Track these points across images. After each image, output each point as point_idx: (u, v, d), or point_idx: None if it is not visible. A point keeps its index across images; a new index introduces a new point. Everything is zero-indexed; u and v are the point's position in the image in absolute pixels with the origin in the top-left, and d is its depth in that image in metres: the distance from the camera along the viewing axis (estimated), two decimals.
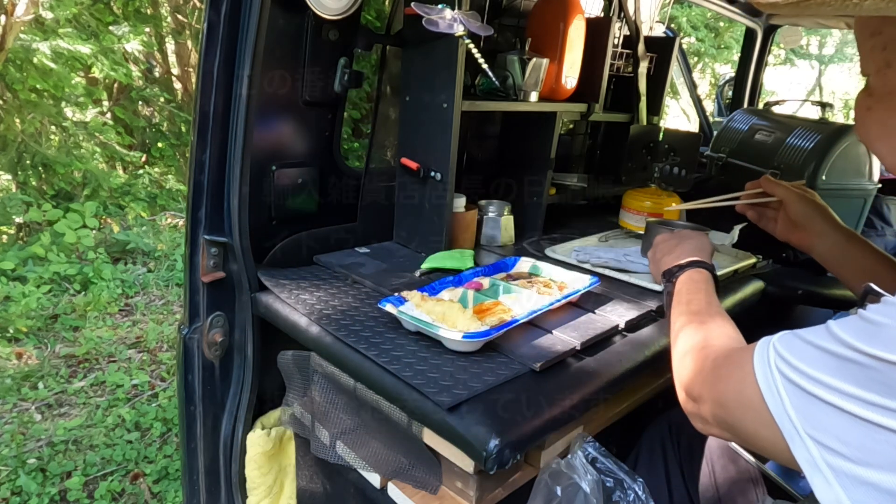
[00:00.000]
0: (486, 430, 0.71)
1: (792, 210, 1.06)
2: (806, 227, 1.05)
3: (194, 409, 1.14)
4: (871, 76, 0.69)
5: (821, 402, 0.49)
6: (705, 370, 0.67)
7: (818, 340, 0.51)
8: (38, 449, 2.04)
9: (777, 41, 2.38)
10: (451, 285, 1.06)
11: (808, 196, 1.06)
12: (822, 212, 1.04)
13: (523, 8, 1.54)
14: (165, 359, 2.71)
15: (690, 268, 0.92)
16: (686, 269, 0.92)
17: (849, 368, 0.47)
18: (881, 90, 0.68)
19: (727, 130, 1.84)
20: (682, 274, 0.92)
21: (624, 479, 0.85)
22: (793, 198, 1.06)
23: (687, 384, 0.69)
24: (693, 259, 0.94)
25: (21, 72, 3.43)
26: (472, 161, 1.57)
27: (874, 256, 0.99)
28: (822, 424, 0.49)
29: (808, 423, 0.50)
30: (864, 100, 0.72)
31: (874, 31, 0.67)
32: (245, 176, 1.03)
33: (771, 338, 0.57)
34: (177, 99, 5.21)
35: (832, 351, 0.49)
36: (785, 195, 1.07)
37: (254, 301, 1.09)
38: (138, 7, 4.23)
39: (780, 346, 0.55)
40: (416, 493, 0.93)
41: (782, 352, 0.54)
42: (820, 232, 1.03)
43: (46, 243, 3.35)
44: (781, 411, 0.52)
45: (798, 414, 0.50)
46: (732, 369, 0.61)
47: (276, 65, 1.13)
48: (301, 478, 1.21)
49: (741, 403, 0.57)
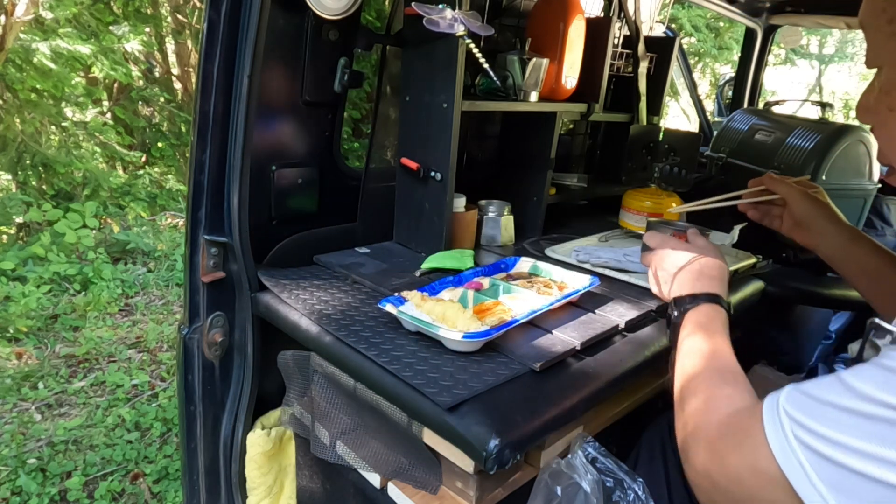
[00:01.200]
0: (486, 430, 0.71)
1: (795, 209, 1.03)
2: (810, 226, 1.02)
3: (194, 409, 1.14)
4: (887, 69, 0.63)
5: (853, 472, 0.42)
6: (711, 440, 0.59)
7: (832, 396, 0.45)
8: (38, 449, 2.04)
9: (777, 41, 2.39)
10: (451, 285, 1.06)
11: (812, 193, 1.04)
12: (825, 210, 1.01)
13: (523, 8, 1.54)
14: (165, 359, 2.71)
15: (706, 301, 0.83)
16: (701, 303, 0.82)
17: (876, 427, 0.42)
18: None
19: (727, 130, 1.84)
20: (696, 307, 0.82)
21: (624, 479, 0.85)
22: (796, 196, 1.03)
23: (692, 454, 0.61)
24: (710, 292, 0.84)
25: (21, 72, 3.43)
26: (472, 161, 1.57)
27: (879, 255, 0.97)
28: (860, 496, 0.42)
29: (843, 496, 0.43)
30: (883, 99, 0.64)
31: (893, 16, 0.61)
32: (245, 176, 1.03)
33: (777, 397, 0.51)
34: (177, 99, 5.21)
35: (852, 408, 0.43)
36: (788, 193, 1.04)
37: (254, 301, 1.09)
38: (138, 7, 4.23)
39: (791, 407, 0.48)
40: (416, 493, 0.93)
41: (795, 414, 0.47)
42: (823, 231, 1.00)
43: (46, 243, 3.36)
44: (807, 485, 0.45)
45: (829, 488, 0.44)
46: (742, 439, 0.53)
47: (276, 65, 1.13)
48: (301, 478, 1.21)
49: (757, 478, 0.51)
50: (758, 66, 2.41)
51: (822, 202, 1.03)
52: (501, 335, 0.88)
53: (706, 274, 0.89)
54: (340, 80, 1.22)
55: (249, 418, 1.19)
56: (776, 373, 1.46)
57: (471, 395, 0.77)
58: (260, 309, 1.08)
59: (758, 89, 2.47)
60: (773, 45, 2.41)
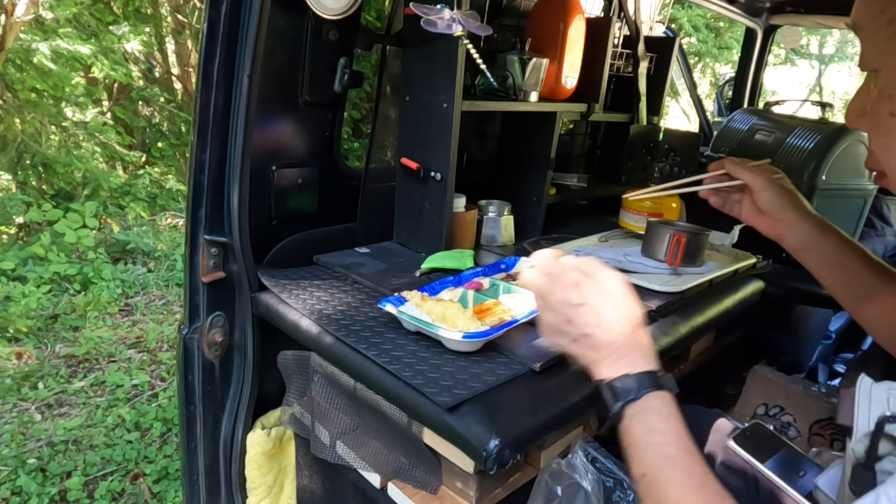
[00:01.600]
0: (486, 430, 0.71)
1: (760, 198, 0.96)
2: (775, 215, 0.95)
3: (194, 409, 1.14)
4: (888, 72, 0.58)
5: None
6: None
7: None
8: (38, 449, 2.04)
9: (777, 41, 2.39)
10: (451, 285, 1.06)
11: (777, 180, 0.96)
12: (792, 200, 0.94)
13: (523, 8, 1.54)
14: (165, 359, 2.71)
15: (646, 389, 0.64)
16: (642, 395, 0.64)
17: None
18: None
19: (727, 130, 1.84)
20: (636, 403, 0.64)
21: (624, 479, 0.85)
22: (760, 184, 0.95)
23: None
24: (648, 371, 0.66)
25: (21, 72, 3.43)
26: (472, 161, 1.57)
27: (847, 247, 0.92)
28: None
29: None
30: (883, 103, 0.60)
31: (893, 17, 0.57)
32: (245, 176, 1.03)
33: None
34: (177, 99, 5.21)
35: None
36: (751, 181, 0.96)
37: (254, 301, 1.09)
38: (138, 7, 4.24)
39: None
40: (416, 493, 0.93)
41: None
42: (791, 222, 0.94)
43: (46, 243, 3.36)
44: None
45: None
46: None
47: (276, 65, 1.13)
48: (301, 478, 1.21)
49: None
50: (758, 66, 2.41)
51: (788, 190, 0.96)
52: (501, 335, 0.88)
53: (636, 340, 0.69)
54: (340, 80, 1.22)
55: (249, 418, 1.19)
56: (776, 373, 1.46)
57: (471, 395, 0.77)
58: (260, 309, 1.08)
59: (758, 89, 2.47)
60: (773, 45, 2.41)
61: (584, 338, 0.69)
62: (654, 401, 0.64)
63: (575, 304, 0.69)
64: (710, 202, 1.04)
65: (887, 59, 0.59)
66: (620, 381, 0.65)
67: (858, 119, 0.65)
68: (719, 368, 1.49)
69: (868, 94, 0.63)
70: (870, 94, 0.63)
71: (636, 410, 0.64)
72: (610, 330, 0.68)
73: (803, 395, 1.40)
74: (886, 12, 0.58)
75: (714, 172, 1.02)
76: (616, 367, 0.66)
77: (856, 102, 0.65)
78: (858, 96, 0.65)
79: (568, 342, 0.71)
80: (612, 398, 0.65)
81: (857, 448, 0.55)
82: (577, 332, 0.69)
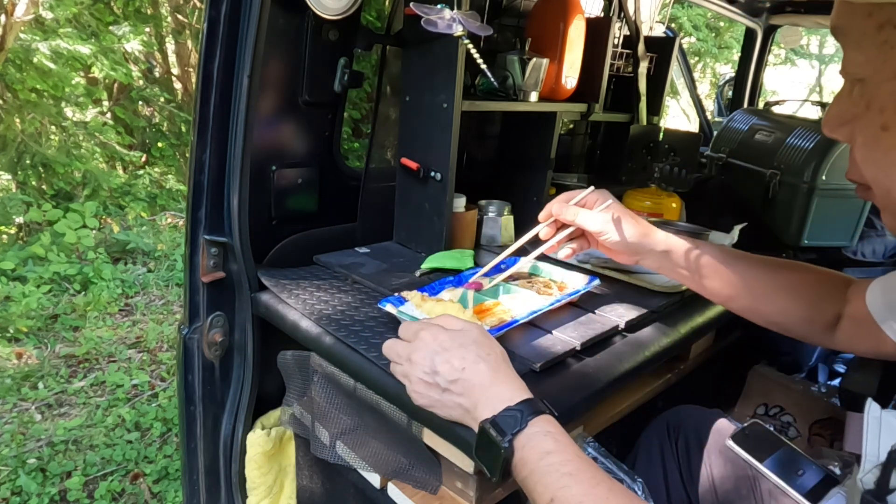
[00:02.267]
0: None
1: (604, 241, 0.89)
2: (625, 249, 0.89)
3: (194, 409, 1.14)
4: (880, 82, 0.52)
5: None
6: None
7: None
8: (38, 449, 2.04)
9: (777, 41, 2.39)
10: (451, 285, 1.06)
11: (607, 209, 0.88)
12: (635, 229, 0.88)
13: (523, 8, 1.54)
14: (165, 359, 2.71)
15: (530, 416, 0.63)
16: (527, 422, 0.63)
17: None
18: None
19: (727, 130, 1.84)
20: (524, 433, 0.63)
21: (624, 479, 0.85)
22: (597, 227, 0.87)
23: None
24: (524, 399, 0.65)
25: (21, 72, 3.43)
26: (472, 161, 1.57)
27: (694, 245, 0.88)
28: None
29: None
30: (872, 116, 0.54)
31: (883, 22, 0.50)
32: (245, 176, 1.03)
33: None
34: (177, 99, 5.21)
35: None
36: (584, 221, 0.88)
37: (254, 301, 1.09)
38: (138, 7, 4.24)
39: None
40: (416, 493, 0.93)
41: None
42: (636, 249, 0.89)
43: (46, 243, 3.36)
44: None
45: None
46: None
47: (276, 65, 1.13)
48: (301, 478, 1.21)
49: None
50: (758, 66, 2.41)
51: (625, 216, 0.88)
52: (501, 335, 0.88)
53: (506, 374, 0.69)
54: (340, 80, 1.22)
55: (249, 418, 1.19)
56: (776, 373, 1.46)
57: None
58: (260, 309, 1.08)
59: (758, 89, 2.47)
60: (773, 45, 2.41)
61: (454, 384, 0.68)
62: (540, 424, 0.63)
63: (437, 353, 0.70)
64: (565, 259, 0.96)
65: (877, 67, 0.52)
66: (502, 416, 0.64)
67: (839, 128, 0.59)
68: (719, 368, 1.49)
69: (850, 101, 0.57)
70: (852, 101, 0.56)
71: (525, 439, 0.62)
72: (478, 370, 0.68)
73: (803, 395, 1.40)
74: (875, 16, 0.51)
75: (545, 224, 0.93)
76: (494, 404, 0.66)
77: (835, 109, 0.59)
78: (837, 103, 0.58)
79: (439, 394, 0.70)
80: (499, 434, 0.63)
81: (866, 479, 0.53)
82: (446, 380, 0.69)
